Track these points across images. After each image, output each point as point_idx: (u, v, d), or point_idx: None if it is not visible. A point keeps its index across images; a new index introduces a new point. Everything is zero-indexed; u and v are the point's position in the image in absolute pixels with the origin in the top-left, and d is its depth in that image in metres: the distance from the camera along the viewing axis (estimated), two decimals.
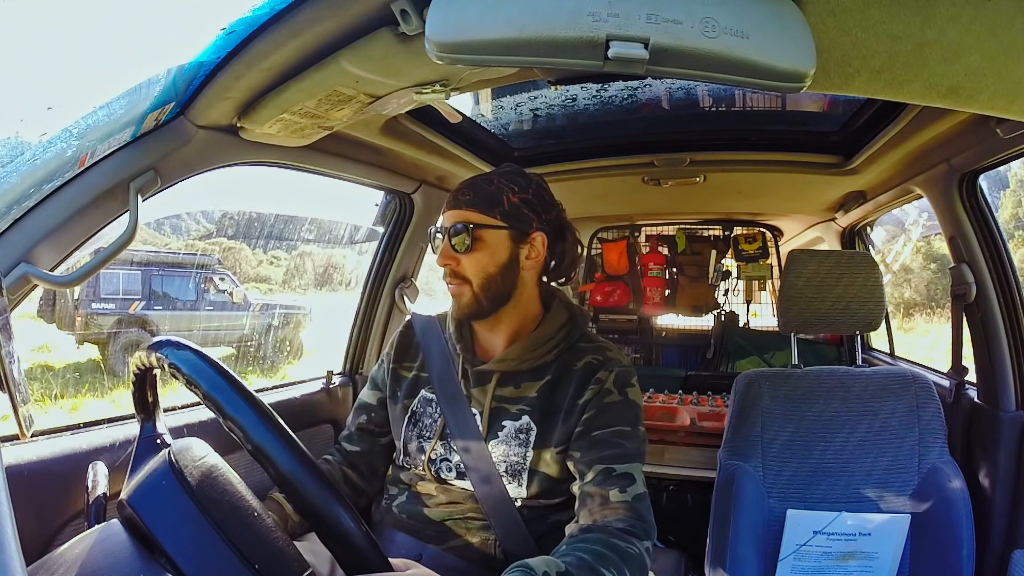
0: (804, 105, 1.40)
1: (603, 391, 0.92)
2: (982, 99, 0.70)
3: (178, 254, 9.08)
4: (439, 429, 0.95)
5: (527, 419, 0.92)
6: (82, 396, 5.89)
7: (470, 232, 0.93)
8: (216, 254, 9.81)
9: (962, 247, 1.28)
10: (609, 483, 0.85)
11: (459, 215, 0.94)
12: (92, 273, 0.79)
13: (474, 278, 0.93)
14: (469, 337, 1.01)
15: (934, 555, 1.19)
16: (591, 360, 0.96)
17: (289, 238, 12.89)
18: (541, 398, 0.93)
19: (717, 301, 2.56)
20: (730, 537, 1.21)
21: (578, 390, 0.93)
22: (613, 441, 0.89)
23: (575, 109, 1.41)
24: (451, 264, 0.94)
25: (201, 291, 7.75)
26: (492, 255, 0.94)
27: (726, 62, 0.55)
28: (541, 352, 0.95)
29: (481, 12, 0.54)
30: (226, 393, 0.54)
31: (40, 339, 7.14)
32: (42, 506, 0.81)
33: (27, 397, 0.66)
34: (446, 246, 0.94)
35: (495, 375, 0.95)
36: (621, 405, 0.92)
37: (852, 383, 1.32)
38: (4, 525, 0.38)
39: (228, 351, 7.85)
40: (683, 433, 1.82)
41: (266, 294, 11.07)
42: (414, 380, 1.02)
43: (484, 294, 0.94)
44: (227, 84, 0.77)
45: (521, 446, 0.91)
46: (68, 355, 7.07)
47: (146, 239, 10.49)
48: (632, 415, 0.92)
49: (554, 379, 0.95)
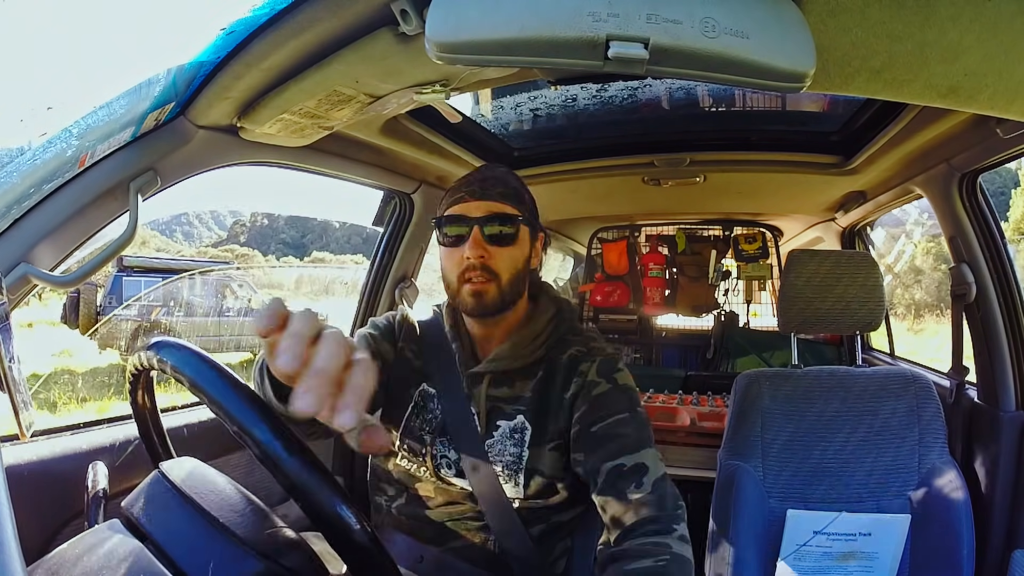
0: (804, 105, 1.40)
1: (588, 383, 0.90)
2: (982, 99, 0.70)
3: (198, 261, 9.22)
4: (439, 425, 0.94)
5: (522, 418, 0.92)
6: (108, 400, 5.96)
7: (516, 224, 0.90)
8: (234, 261, 9.96)
9: (962, 247, 1.28)
10: (622, 482, 0.81)
11: (493, 206, 0.90)
12: (92, 273, 0.79)
13: (504, 273, 0.89)
14: (467, 336, 0.99)
15: (934, 555, 1.18)
16: (574, 352, 0.94)
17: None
18: (535, 396, 0.93)
19: (717, 301, 2.56)
20: (730, 537, 1.21)
21: (564, 384, 0.92)
22: (613, 433, 0.86)
23: (575, 109, 1.41)
24: (484, 257, 0.88)
25: (220, 297, 7.83)
26: (522, 251, 0.92)
27: (726, 62, 0.55)
28: (531, 348, 0.94)
29: (481, 12, 0.54)
30: (229, 395, 0.53)
31: (61, 345, 7.25)
32: (42, 506, 0.81)
33: (27, 397, 0.66)
34: (479, 237, 0.88)
35: (487, 376, 0.94)
36: (611, 393, 0.89)
37: (852, 383, 1.31)
38: (4, 525, 0.38)
39: (246, 356, 7.86)
40: (683, 433, 1.82)
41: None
42: (418, 371, 0.99)
43: (509, 290, 0.91)
44: (227, 84, 0.77)
45: (516, 446, 0.91)
46: (90, 360, 7.17)
47: (180, 250, 10.62)
48: (625, 399, 0.89)
49: (544, 375, 0.94)
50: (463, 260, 0.89)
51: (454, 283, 0.91)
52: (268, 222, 38.53)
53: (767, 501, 1.26)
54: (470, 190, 0.91)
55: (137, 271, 7.54)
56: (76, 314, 7.09)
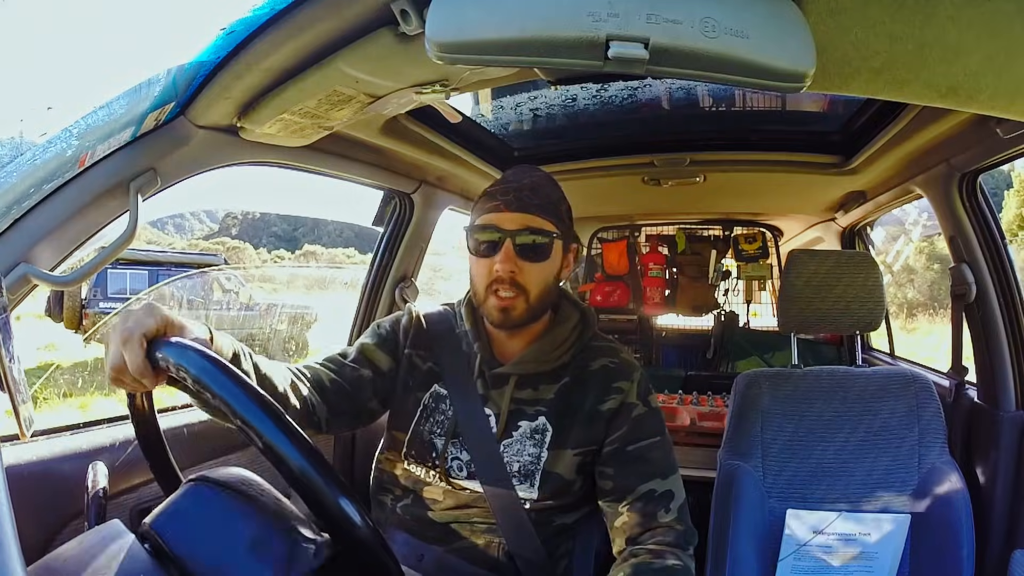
0: (804, 105, 1.40)
1: (628, 404, 0.92)
2: (982, 99, 0.70)
3: (186, 254, 9.15)
4: (451, 427, 0.93)
5: (543, 420, 0.92)
6: (90, 395, 5.93)
7: (551, 240, 0.88)
8: (224, 254, 9.91)
9: (962, 247, 1.28)
10: (653, 505, 0.87)
11: (529, 219, 0.87)
12: (92, 273, 0.79)
13: (534, 288, 0.88)
14: (486, 338, 0.97)
15: (934, 555, 1.18)
16: (607, 364, 0.95)
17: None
18: (558, 399, 0.93)
19: (717, 301, 2.56)
20: (730, 537, 1.21)
21: (598, 396, 0.92)
22: (648, 456, 0.90)
23: (575, 109, 1.41)
24: (515, 272, 0.86)
25: (208, 290, 7.78)
26: (553, 266, 0.90)
27: (726, 62, 0.55)
28: (558, 354, 0.94)
29: (481, 12, 0.54)
30: (233, 392, 0.54)
31: (46, 338, 7.19)
32: (42, 506, 0.81)
33: (27, 397, 0.66)
34: (511, 251, 0.86)
35: (513, 378, 0.93)
36: (648, 416, 0.93)
37: (852, 383, 1.31)
38: (4, 525, 0.38)
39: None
40: (683, 433, 1.82)
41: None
42: (428, 373, 0.98)
43: (538, 305, 0.90)
44: (227, 84, 0.77)
45: (536, 447, 0.91)
46: (75, 354, 7.13)
47: (172, 242, 10.63)
48: (658, 423, 0.94)
49: (571, 380, 0.94)
50: (492, 271, 0.87)
51: (481, 292, 0.90)
52: (260, 215, 38.52)
53: (767, 501, 1.26)
54: (507, 200, 0.88)
55: (123, 263, 7.39)
56: (60, 307, 6.93)
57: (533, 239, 0.87)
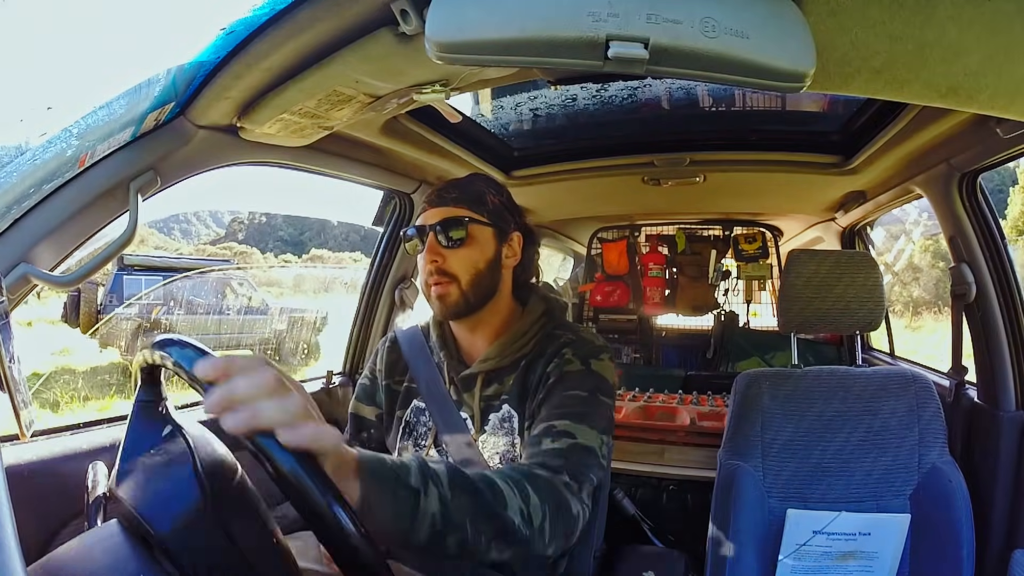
0: (804, 105, 1.40)
1: (564, 361, 0.92)
2: (982, 99, 0.70)
3: (199, 260, 9.24)
4: (433, 436, 0.96)
5: (507, 407, 0.94)
6: (110, 398, 5.98)
7: (464, 226, 0.92)
8: (233, 259, 10.00)
9: (962, 247, 1.28)
10: (544, 436, 0.82)
11: (447, 211, 0.94)
12: (92, 273, 0.79)
13: (463, 275, 0.92)
14: (452, 343, 1.01)
15: (934, 555, 1.18)
16: (563, 341, 0.96)
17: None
18: (516, 384, 0.94)
19: (717, 301, 2.56)
20: (730, 537, 1.21)
21: (544, 367, 0.93)
22: (565, 403, 0.86)
23: (575, 109, 1.41)
24: (438, 261, 0.92)
25: (220, 296, 7.86)
26: (481, 251, 0.94)
27: (726, 62, 0.55)
28: (520, 345, 0.96)
29: (481, 12, 0.54)
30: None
31: (61, 343, 7.27)
32: (42, 506, 0.81)
33: (27, 397, 0.66)
34: (433, 242, 0.93)
35: (480, 376, 0.96)
36: (581, 373, 0.90)
37: (852, 383, 1.31)
38: (4, 525, 0.38)
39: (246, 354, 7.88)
40: (683, 433, 1.82)
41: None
42: (406, 392, 1.03)
43: (472, 291, 0.93)
44: (227, 84, 0.77)
45: (508, 435, 0.92)
46: (90, 358, 7.20)
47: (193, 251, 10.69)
48: (591, 382, 0.89)
49: (526, 364, 0.95)
50: (426, 267, 0.94)
51: (425, 290, 0.96)
52: (266, 219, 38.46)
53: (767, 501, 1.26)
54: (429, 199, 0.96)
55: (138, 270, 7.58)
56: (77, 313, 7.14)
57: (451, 227, 0.92)
